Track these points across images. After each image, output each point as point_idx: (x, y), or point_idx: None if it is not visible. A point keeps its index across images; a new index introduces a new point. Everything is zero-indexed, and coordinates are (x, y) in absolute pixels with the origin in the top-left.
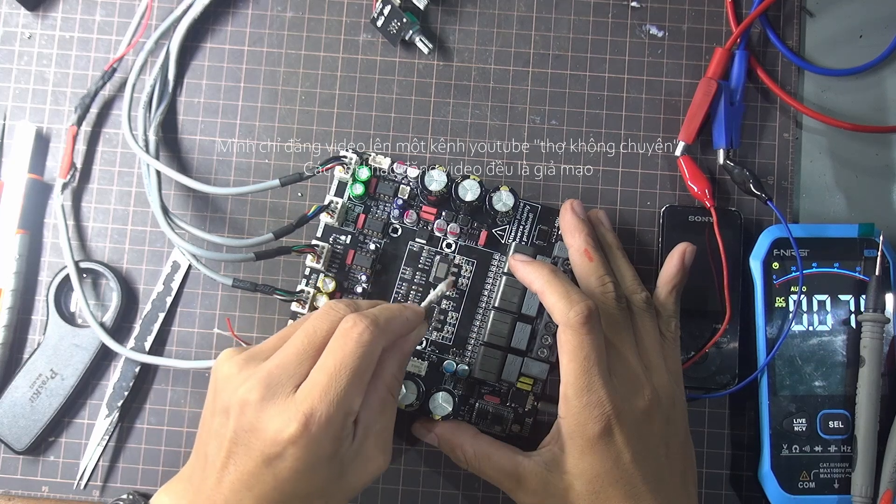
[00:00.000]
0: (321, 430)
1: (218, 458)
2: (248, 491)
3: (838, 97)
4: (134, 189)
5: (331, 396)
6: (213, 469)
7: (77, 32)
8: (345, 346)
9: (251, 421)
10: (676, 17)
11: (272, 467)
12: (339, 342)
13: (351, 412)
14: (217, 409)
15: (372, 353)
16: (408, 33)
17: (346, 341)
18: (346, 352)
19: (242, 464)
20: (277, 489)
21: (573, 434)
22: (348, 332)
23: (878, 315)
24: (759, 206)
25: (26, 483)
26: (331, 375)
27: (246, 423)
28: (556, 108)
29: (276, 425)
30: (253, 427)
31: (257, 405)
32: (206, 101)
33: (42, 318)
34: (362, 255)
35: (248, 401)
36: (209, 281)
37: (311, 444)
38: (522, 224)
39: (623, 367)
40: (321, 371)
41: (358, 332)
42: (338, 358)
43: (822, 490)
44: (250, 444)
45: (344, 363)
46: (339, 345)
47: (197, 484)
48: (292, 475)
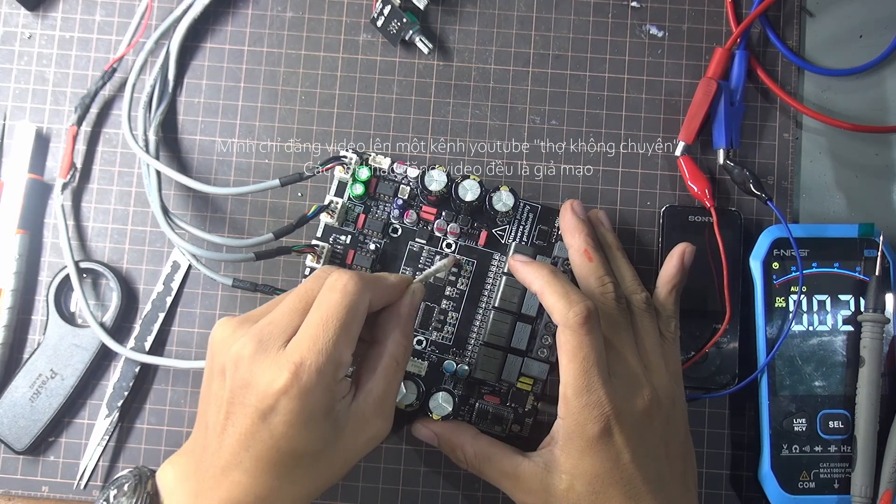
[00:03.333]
0: (311, 380)
1: (218, 421)
2: (246, 451)
3: (838, 97)
4: (134, 189)
5: (319, 346)
6: (214, 434)
7: (77, 32)
8: (331, 298)
9: (245, 376)
10: (676, 17)
11: (267, 422)
12: (325, 295)
13: (341, 363)
14: (215, 372)
15: (357, 303)
16: (408, 33)
17: (332, 293)
18: (332, 303)
19: (240, 422)
20: (274, 447)
21: (573, 434)
22: (333, 285)
23: (878, 315)
24: (759, 206)
25: (26, 483)
26: (318, 326)
27: (240, 379)
28: (556, 108)
29: (267, 378)
30: (246, 382)
31: (250, 360)
32: (206, 101)
33: (42, 318)
34: (362, 255)
35: (241, 356)
36: (209, 281)
37: (302, 394)
38: (522, 224)
39: (623, 368)
40: (309, 323)
41: (342, 283)
42: (324, 309)
43: (822, 490)
44: (245, 400)
45: (330, 314)
46: (325, 297)
47: (199, 453)
48: (287, 430)
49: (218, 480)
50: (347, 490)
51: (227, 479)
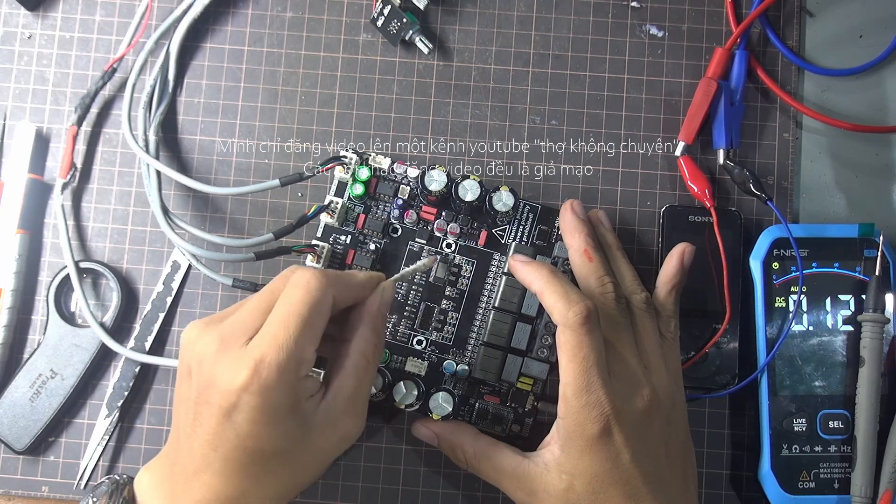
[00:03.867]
0: (272, 377)
1: (187, 423)
2: (214, 451)
3: (838, 97)
4: (134, 189)
5: (279, 342)
6: (185, 436)
7: (77, 32)
8: (293, 295)
9: (208, 375)
10: (676, 17)
11: (232, 421)
12: (287, 292)
13: (303, 359)
14: (183, 373)
15: (319, 299)
16: (408, 33)
17: (295, 290)
18: (294, 300)
19: (206, 422)
20: (240, 446)
21: (572, 434)
22: (296, 282)
23: (878, 315)
24: (759, 206)
25: (26, 483)
26: (279, 323)
27: (204, 378)
28: (556, 108)
29: (229, 375)
30: (210, 381)
31: (213, 358)
32: (206, 101)
33: (42, 318)
34: (362, 255)
35: (204, 355)
36: (209, 281)
37: (263, 391)
38: (522, 224)
39: (622, 368)
40: (271, 320)
41: (305, 280)
42: (286, 306)
43: (822, 490)
44: (210, 399)
45: (292, 310)
46: (287, 294)
47: (173, 456)
48: (252, 428)
49: (190, 483)
50: (347, 490)
51: (198, 481)
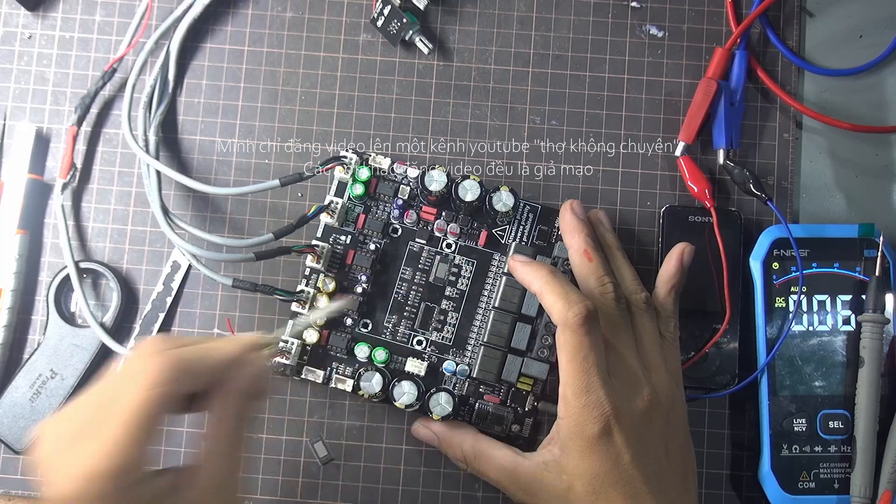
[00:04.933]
0: (104, 487)
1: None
2: None
3: (838, 97)
4: (134, 189)
5: (107, 449)
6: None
7: (77, 32)
8: (129, 391)
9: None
10: (676, 17)
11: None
12: (125, 386)
13: (141, 463)
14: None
15: (160, 397)
16: (408, 33)
17: (132, 386)
18: (129, 399)
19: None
20: None
21: (572, 435)
22: (135, 376)
23: (878, 315)
24: (759, 206)
25: (26, 483)
26: (112, 426)
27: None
28: (556, 108)
29: (58, 485)
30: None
31: (48, 462)
32: (206, 101)
33: (42, 318)
34: (362, 255)
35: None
36: (209, 281)
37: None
38: (522, 224)
39: (622, 368)
40: (106, 422)
41: (144, 375)
42: (119, 405)
43: (822, 490)
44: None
45: (126, 410)
46: (124, 390)
47: None
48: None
49: None
50: (347, 490)
51: None
